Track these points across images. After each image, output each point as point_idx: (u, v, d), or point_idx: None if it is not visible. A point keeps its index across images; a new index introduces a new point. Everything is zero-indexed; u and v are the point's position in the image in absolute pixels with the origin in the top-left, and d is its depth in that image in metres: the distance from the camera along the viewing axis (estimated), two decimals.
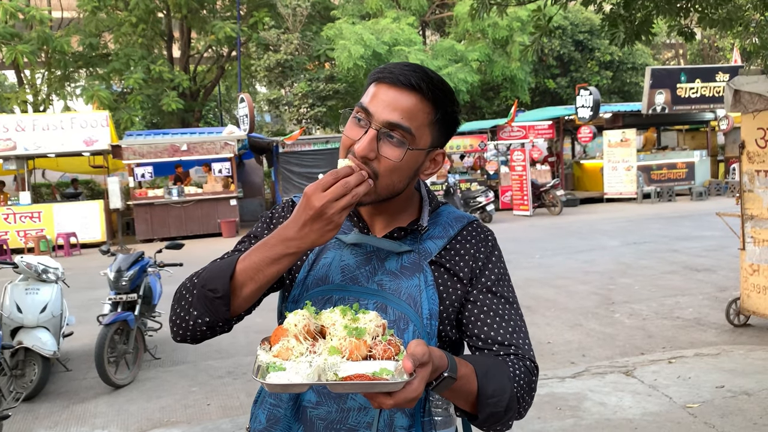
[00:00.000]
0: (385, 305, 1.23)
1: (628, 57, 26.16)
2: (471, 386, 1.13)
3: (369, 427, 1.18)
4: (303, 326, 1.04)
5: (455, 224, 1.34)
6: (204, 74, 26.94)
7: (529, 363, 1.25)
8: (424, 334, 1.20)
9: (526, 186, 16.92)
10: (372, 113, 1.20)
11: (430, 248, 1.29)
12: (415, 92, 1.20)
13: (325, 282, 1.27)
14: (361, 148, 1.18)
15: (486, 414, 1.15)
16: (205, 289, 1.20)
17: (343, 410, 1.19)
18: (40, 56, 21.29)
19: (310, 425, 1.21)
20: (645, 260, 9.54)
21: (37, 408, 4.99)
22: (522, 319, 1.31)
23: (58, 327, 5.48)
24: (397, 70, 1.21)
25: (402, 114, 1.19)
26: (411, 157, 1.22)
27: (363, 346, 1.00)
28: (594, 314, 6.77)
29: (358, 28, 20.22)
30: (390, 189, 1.24)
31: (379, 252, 1.29)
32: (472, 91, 23.32)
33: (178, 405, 4.90)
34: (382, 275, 1.26)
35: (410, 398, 0.96)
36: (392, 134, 1.20)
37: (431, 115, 1.23)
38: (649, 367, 4.90)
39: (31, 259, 5.62)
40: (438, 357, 1.04)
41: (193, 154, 16.41)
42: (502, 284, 1.31)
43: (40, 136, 15.51)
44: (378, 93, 1.21)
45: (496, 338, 1.25)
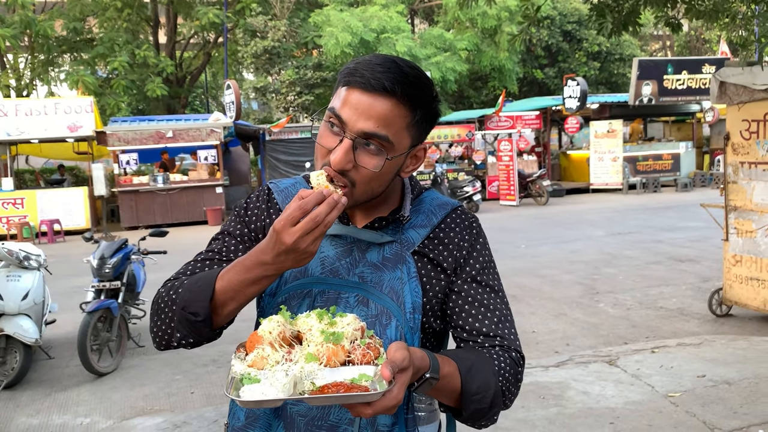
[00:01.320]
0: (367, 299, 1.19)
1: (616, 48, 26.24)
2: (454, 384, 1.11)
3: (351, 424, 1.15)
4: (278, 333, 1.01)
5: (438, 211, 1.30)
6: (190, 60, 26.69)
7: (515, 354, 1.22)
8: (407, 329, 1.17)
9: (512, 176, 16.95)
10: (345, 121, 1.13)
11: (413, 238, 1.25)
12: (389, 96, 1.12)
13: (304, 275, 1.23)
14: (336, 160, 1.12)
15: (470, 411, 1.13)
16: (186, 312, 1.17)
17: (324, 407, 1.16)
18: (22, 40, 20.97)
19: (291, 422, 1.18)
20: (629, 250, 9.60)
21: (19, 396, 4.95)
22: (508, 308, 1.28)
23: (40, 314, 5.43)
24: (369, 73, 1.12)
25: (377, 122, 1.12)
26: (390, 163, 1.17)
27: (341, 351, 0.97)
28: (578, 304, 6.80)
29: (346, 15, 20.11)
30: (369, 194, 1.19)
31: (360, 243, 1.24)
32: (460, 81, 23.32)
33: (161, 393, 4.88)
34: (363, 267, 1.22)
35: (390, 406, 0.94)
36: (369, 143, 1.13)
37: (408, 117, 1.16)
38: (632, 357, 4.93)
39: (13, 245, 5.55)
40: (419, 358, 1.02)
41: (178, 141, 16.29)
42: (487, 273, 1.28)
43: (23, 121, 15.31)
44: (350, 98, 1.13)
45: (481, 329, 1.22)
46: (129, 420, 4.36)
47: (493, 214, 15.42)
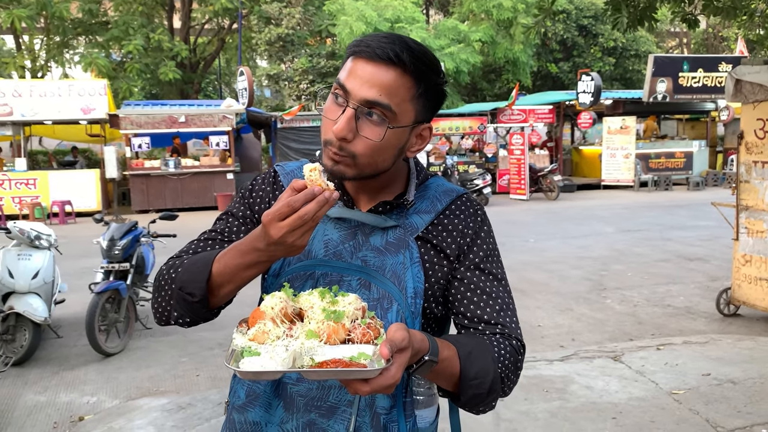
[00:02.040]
0: (369, 282, 1.20)
1: (632, 44, 26.02)
2: (453, 368, 1.11)
3: (350, 405, 1.16)
4: (280, 309, 1.02)
5: (443, 198, 1.30)
6: (204, 46, 26.73)
7: (516, 342, 1.22)
8: (408, 314, 1.17)
9: (523, 170, 16.89)
10: (349, 91, 1.13)
11: (417, 223, 1.25)
12: (394, 66, 1.12)
13: (308, 257, 1.23)
14: (338, 129, 1.12)
15: (468, 396, 1.14)
16: (183, 292, 1.18)
17: (323, 387, 1.17)
18: (38, 21, 21.05)
19: (290, 402, 1.19)
20: (639, 248, 9.56)
21: (27, 373, 5.01)
22: (510, 297, 1.28)
23: (49, 293, 5.48)
24: (375, 43, 1.13)
25: (380, 90, 1.12)
26: (393, 135, 1.16)
27: (341, 329, 0.98)
28: (585, 299, 6.79)
29: (360, 4, 20.04)
30: (373, 167, 1.19)
31: (363, 227, 1.25)
32: (473, 73, 23.21)
33: (167, 375, 4.92)
34: (366, 251, 1.22)
35: (387, 385, 0.94)
36: (371, 112, 1.13)
37: (413, 89, 1.16)
38: (637, 353, 4.93)
39: (24, 225, 5.60)
40: (418, 340, 1.02)
41: (190, 126, 16.33)
42: (490, 261, 1.28)
43: (37, 103, 15.40)
44: (355, 68, 1.14)
45: (483, 317, 1.22)
46: (135, 400, 4.41)
47: (502, 207, 15.39)
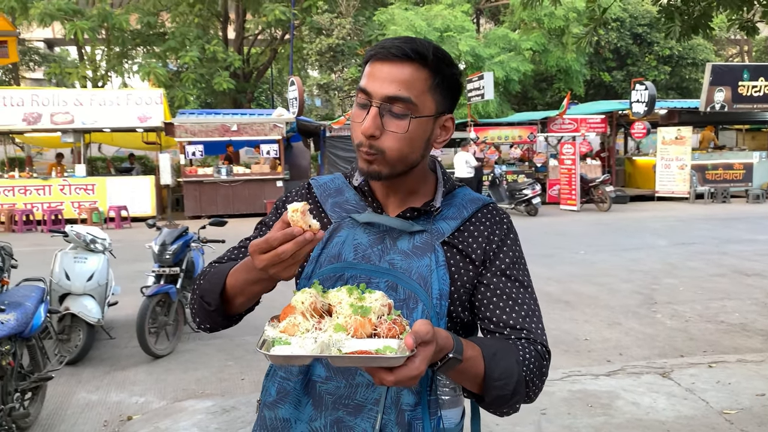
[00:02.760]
0: (396, 284, 1.23)
1: (689, 52, 25.35)
2: (477, 368, 1.13)
3: (376, 404, 1.19)
4: (310, 303, 1.06)
5: (470, 206, 1.33)
6: (257, 56, 27.26)
7: (541, 347, 1.24)
8: (433, 314, 1.20)
9: (574, 180, 16.61)
10: (371, 92, 1.20)
11: (443, 229, 1.29)
12: (409, 61, 1.20)
13: (338, 260, 1.28)
14: (365, 127, 1.20)
15: (492, 396, 1.15)
16: (203, 300, 1.27)
17: (351, 386, 1.21)
18: (100, 33, 21.87)
19: (319, 399, 1.23)
20: (692, 261, 9.28)
21: (81, 372, 5.18)
22: (536, 304, 1.30)
23: (103, 295, 5.66)
24: (388, 44, 1.21)
25: (399, 85, 1.19)
26: (417, 125, 1.22)
27: (368, 324, 1.01)
28: (635, 313, 6.63)
29: (410, 14, 20.11)
30: (404, 161, 1.24)
31: (392, 232, 1.29)
32: (524, 81, 22.99)
33: (213, 377, 5.02)
34: (393, 254, 1.26)
35: (411, 376, 0.96)
36: (394, 107, 1.20)
37: (430, 80, 1.22)
38: (687, 370, 4.78)
39: (81, 228, 5.81)
40: (443, 338, 1.05)
41: (242, 135, 16.67)
42: (517, 268, 1.30)
43: (97, 111, 15.97)
44: (373, 71, 1.22)
45: (508, 321, 1.24)
46: (181, 402, 4.51)
47: (552, 218, 15.17)
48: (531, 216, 15.58)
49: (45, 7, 19.90)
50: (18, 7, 19.88)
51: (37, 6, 19.90)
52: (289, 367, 1.27)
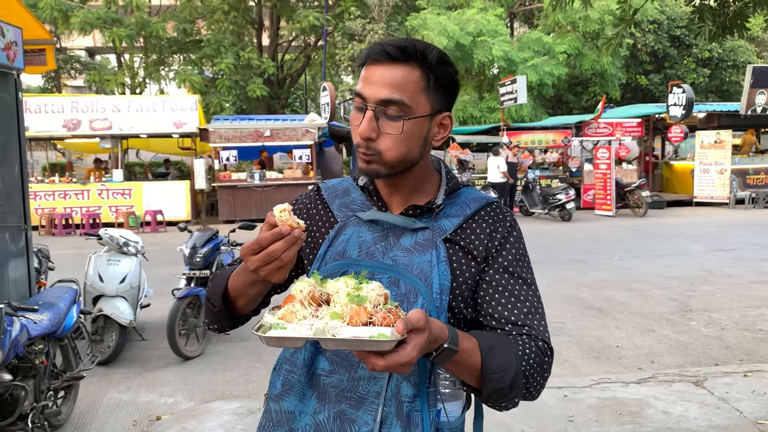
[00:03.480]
0: (398, 279, 1.26)
1: (729, 54, 24.81)
2: (474, 360, 1.14)
3: (378, 397, 1.21)
4: (308, 292, 1.09)
5: (473, 204, 1.35)
6: (291, 62, 27.52)
7: (542, 344, 1.25)
8: (433, 308, 1.22)
9: (609, 185, 16.36)
10: (366, 96, 1.23)
11: (445, 226, 1.31)
12: (400, 63, 1.22)
13: (343, 257, 1.31)
14: (362, 129, 1.23)
15: (490, 389, 1.16)
16: (209, 302, 1.34)
17: (354, 379, 1.24)
18: (138, 41, 22.35)
19: (323, 392, 1.26)
20: (730, 268, 9.05)
21: (112, 372, 5.28)
22: (539, 301, 1.31)
23: (135, 298, 5.76)
24: (380, 48, 1.24)
25: (392, 88, 1.21)
26: (413, 126, 1.24)
27: (363, 312, 1.03)
28: (668, 320, 6.48)
29: (443, 19, 20.08)
30: (402, 160, 1.26)
31: (395, 229, 1.31)
32: (558, 85, 22.76)
33: (241, 379, 5.06)
34: (396, 251, 1.29)
35: (402, 362, 0.98)
36: (388, 110, 1.22)
37: (423, 81, 1.24)
38: (721, 379, 4.65)
39: (114, 232, 5.93)
40: (438, 328, 1.06)
41: (275, 140, 16.83)
42: (520, 265, 1.31)
43: (134, 117, 16.31)
44: (367, 75, 1.25)
45: (510, 318, 1.26)
46: (208, 403, 4.56)
47: (587, 223, 14.95)
48: (565, 221, 15.38)
49: (85, 16, 20.42)
50: (59, 16, 20.45)
51: (77, 15, 20.43)
52: (293, 360, 1.30)
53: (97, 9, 20.86)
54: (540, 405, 4.22)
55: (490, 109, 21.03)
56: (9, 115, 4.49)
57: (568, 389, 4.53)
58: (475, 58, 20.14)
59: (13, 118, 4.54)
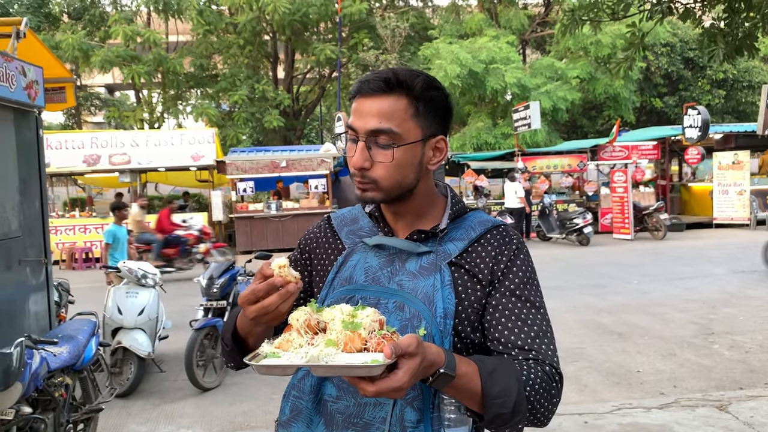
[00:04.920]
0: (403, 304, 1.27)
1: (744, 75, 24.70)
2: (473, 385, 1.14)
3: (383, 422, 1.21)
4: (304, 321, 1.10)
5: (478, 227, 1.36)
6: (306, 94, 27.89)
7: (550, 368, 1.23)
8: (437, 332, 1.22)
9: (627, 208, 16.25)
10: (356, 128, 1.27)
11: (450, 250, 1.32)
12: (386, 94, 1.26)
13: (349, 282, 1.33)
14: (354, 161, 1.27)
15: (491, 415, 1.15)
16: (222, 341, 1.38)
17: (360, 405, 1.24)
18: (155, 77, 22.80)
19: (330, 419, 1.26)
20: (753, 290, 8.91)
21: (131, 405, 5.30)
22: (548, 325, 1.29)
23: (154, 329, 5.81)
24: (367, 79, 1.28)
25: (380, 118, 1.25)
26: (404, 152, 1.27)
27: (358, 339, 1.04)
28: (690, 344, 6.39)
29: (455, 48, 20.25)
30: (398, 186, 1.30)
31: (401, 254, 1.33)
32: (572, 110, 22.77)
33: (259, 411, 5.05)
34: (402, 276, 1.30)
35: (393, 387, 0.99)
36: (379, 139, 1.26)
37: (411, 108, 1.27)
38: (746, 403, 4.56)
39: (133, 264, 6.00)
40: (433, 353, 1.07)
41: (291, 171, 16.98)
42: (528, 288, 1.30)
43: (152, 151, 16.57)
44: (357, 107, 1.29)
45: (516, 342, 1.25)
46: None
47: (605, 247, 14.84)
48: (583, 245, 15.28)
49: (105, 54, 20.93)
50: (80, 55, 20.97)
51: (97, 54, 20.94)
52: (301, 386, 1.31)
53: (117, 47, 21.38)
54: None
55: (504, 135, 21.06)
56: (30, 152, 4.60)
57: (589, 415, 4.47)
58: (488, 85, 20.25)
59: (34, 155, 4.65)
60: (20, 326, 4.30)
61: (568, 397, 5.00)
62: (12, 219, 4.31)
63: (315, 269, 1.45)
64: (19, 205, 4.41)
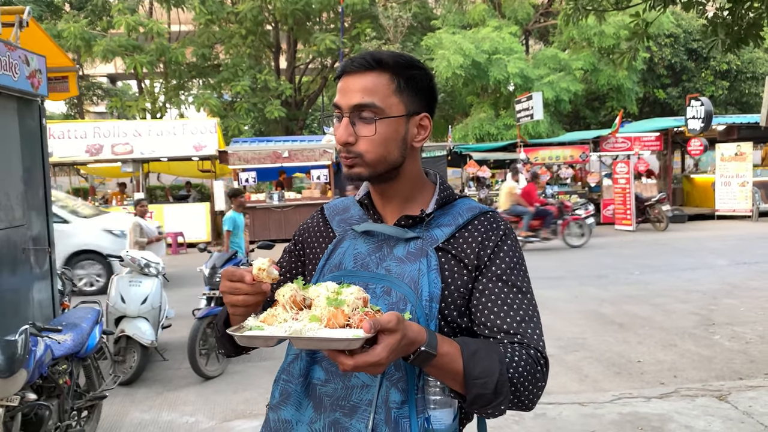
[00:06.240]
0: (390, 288, 1.28)
1: (748, 66, 24.58)
2: (455, 365, 1.15)
3: (369, 405, 1.23)
4: (290, 296, 1.12)
5: (466, 213, 1.38)
6: (308, 84, 27.83)
7: (534, 352, 1.24)
8: (422, 315, 1.23)
9: (629, 200, 16.25)
10: (341, 105, 1.31)
11: (437, 235, 1.34)
12: (368, 71, 1.30)
13: (339, 268, 1.36)
14: (339, 135, 1.30)
15: (473, 395, 1.16)
16: (216, 328, 1.43)
17: (347, 387, 1.26)
18: (158, 66, 22.76)
19: (319, 402, 1.29)
20: (755, 281, 8.92)
21: (135, 392, 5.34)
22: (534, 310, 1.31)
23: (156, 318, 5.84)
24: (350, 60, 1.32)
25: (363, 93, 1.29)
26: (387, 126, 1.30)
27: (341, 315, 1.05)
28: (691, 335, 6.41)
29: (458, 38, 20.18)
30: (383, 161, 1.32)
31: (389, 240, 1.35)
32: (575, 101, 22.70)
33: (261, 398, 5.09)
34: (390, 261, 1.32)
35: (371, 362, 1.02)
36: (362, 114, 1.29)
37: (393, 83, 1.30)
38: (746, 393, 4.59)
39: (136, 253, 6.02)
40: (414, 331, 1.09)
41: (293, 161, 16.98)
42: (515, 273, 1.32)
43: (155, 141, 16.57)
44: (341, 87, 1.32)
45: (502, 326, 1.26)
46: (229, 422, 4.59)
47: (607, 239, 14.84)
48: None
49: (107, 44, 20.90)
50: (83, 45, 20.93)
51: (100, 43, 20.91)
52: (290, 370, 1.33)
53: (119, 37, 21.34)
54: (561, 421, 4.19)
55: (507, 126, 21.01)
56: (33, 141, 4.61)
57: (590, 405, 4.50)
58: (490, 76, 20.19)
59: (38, 144, 4.66)
60: (25, 314, 4.34)
61: (568, 386, 5.03)
62: (16, 208, 4.34)
63: (308, 258, 1.48)
64: (23, 194, 4.43)
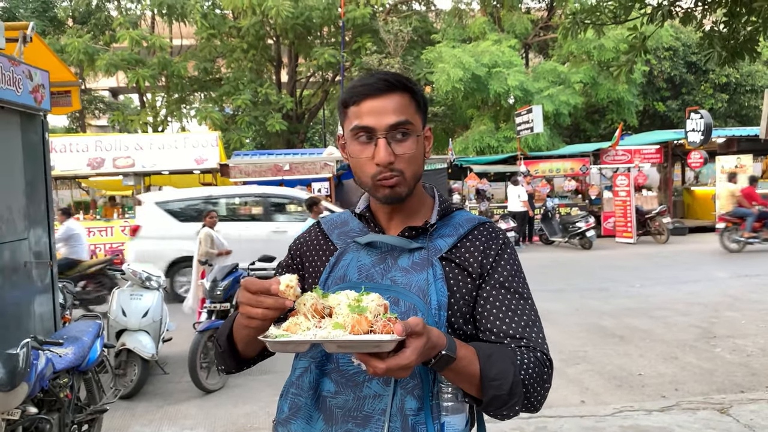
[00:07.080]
0: (398, 299, 1.30)
1: (747, 79, 24.68)
2: (473, 368, 1.19)
3: (383, 414, 1.24)
4: (311, 305, 1.14)
5: (466, 224, 1.42)
6: (309, 98, 27.97)
7: (541, 355, 1.28)
8: (432, 323, 1.26)
9: (630, 212, 16.26)
10: (374, 126, 1.32)
11: (440, 245, 1.37)
12: (392, 92, 1.33)
13: (343, 280, 1.37)
14: (381, 158, 1.31)
15: (489, 396, 1.20)
16: (217, 342, 1.43)
17: (359, 398, 1.27)
18: (160, 80, 22.90)
19: (330, 414, 1.29)
20: (756, 294, 8.91)
21: (135, 406, 5.33)
22: (536, 315, 1.35)
23: (157, 331, 5.84)
24: (370, 83, 1.34)
25: (396, 113, 1.32)
26: (417, 143, 1.36)
27: (364, 321, 1.07)
28: (692, 348, 6.40)
29: (458, 52, 20.29)
30: (415, 177, 1.37)
31: (393, 251, 1.38)
32: (575, 114, 22.78)
33: (261, 412, 5.08)
34: (395, 272, 1.34)
35: (402, 365, 1.04)
36: (398, 133, 1.33)
37: (413, 103, 1.36)
38: (747, 406, 4.58)
39: (137, 266, 6.03)
40: (436, 335, 1.12)
41: (294, 174, 17.01)
42: (516, 280, 1.36)
43: (156, 155, 16.64)
44: (364, 109, 1.33)
45: (508, 332, 1.30)
46: None
47: (607, 251, 14.84)
48: (585, 249, 15.28)
49: (110, 58, 21.04)
50: (86, 59, 21.08)
51: (102, 57, 21.05)
52: (299, 383, 1.34)
53: (122, 51, 21.48)
54: None
55: (507, 139, 21.08)
56: (36, 155, 4.64)
57: (590, 418, 4.49)
58: (490, 89, 20.29)
59: (40, 158, 4.69)
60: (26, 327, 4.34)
61: (569, 399, 5.02)
62: (18, 221, 4.36)
63: (307, 272, 1.49)
64: (25, 208, 4.45)
